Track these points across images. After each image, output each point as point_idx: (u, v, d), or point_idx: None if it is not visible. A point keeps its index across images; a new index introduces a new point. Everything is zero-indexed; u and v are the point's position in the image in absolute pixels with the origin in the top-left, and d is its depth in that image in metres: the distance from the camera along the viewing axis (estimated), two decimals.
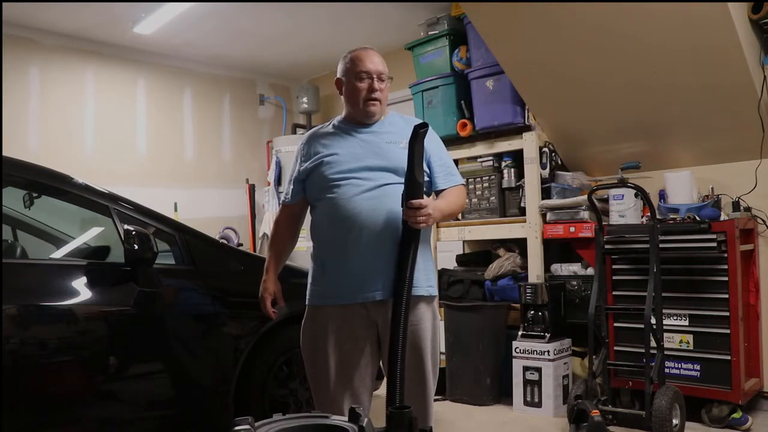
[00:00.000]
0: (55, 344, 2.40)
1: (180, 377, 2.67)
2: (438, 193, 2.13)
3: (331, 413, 1.40)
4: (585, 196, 3.64)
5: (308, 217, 2.21)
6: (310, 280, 2.12)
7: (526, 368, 3.72)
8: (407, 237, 1.88)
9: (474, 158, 4.39)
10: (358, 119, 2.10)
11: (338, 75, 2.11)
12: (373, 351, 2.07)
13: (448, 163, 2.17)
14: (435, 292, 2.13)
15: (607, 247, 3.43)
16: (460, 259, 4.61)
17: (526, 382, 3.71)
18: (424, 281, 2.07)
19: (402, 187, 1.92)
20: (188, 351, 2.71)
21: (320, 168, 2.05)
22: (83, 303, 2.44)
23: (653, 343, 3.10)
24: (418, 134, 1.82)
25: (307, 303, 2.11)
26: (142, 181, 5.55)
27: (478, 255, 4.56)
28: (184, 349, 2.70)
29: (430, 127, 2.18)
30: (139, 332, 2.57)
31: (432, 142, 2.13)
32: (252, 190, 6.23)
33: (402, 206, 1.86)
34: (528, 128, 4.11)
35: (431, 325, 2.09)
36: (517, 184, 4.18)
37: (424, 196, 1.88)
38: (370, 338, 2.04)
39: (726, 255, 3.25)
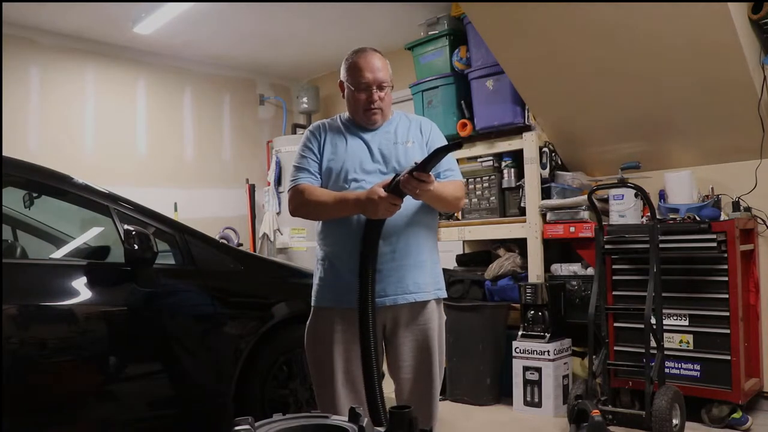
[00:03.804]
0: (55, 344, 2.40)
1: (180, 377, 2.67)
2: None
3: (334, 413, 1.40)
4: (585, 196, 3.64)
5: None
6: (316, 280, 2.10)
7: (526, 368, 3.72)
8: (371, 229, 1.82)
9: (474, 158, 4.39)
10: (362, 125, 2.10)
11: (340, 77, 2.09)
12: (378, 352, 2.07)
13: (448, 159, 2.12)
14: (443, 294, 2.13)
15: (607, 247, 3.43)
16: (460, 259, 4.61)
17: (526, 382, 3.71)
18: (432, 285, 2.07)
19: None
20: (188, 351, 2.70)
21: (332, 169, 2.03)
22: (83, 303, 2.44)
23: (653, 343, 3.10)
24: (457, 144, 1.80)
25: (313, 304, 2.11)
26: (142, 181, 5.56)
27: (478, 255, 4.56)
28: (184, 349, 2.70)
29: (434, 125, 2.18)
30: (139, 332, 2.57)
31: (437, 138, 2.14)
32: (252, 190, 6.23)
33: (408, 171, 1.77)
34: (528, 128, 4.11)
35: (438, 325, 2.09)
36: (517, 184, 4.18)
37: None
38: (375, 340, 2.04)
39: (726, 255, 3.25)
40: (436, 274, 2.11)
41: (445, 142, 2.16)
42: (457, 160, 4.18)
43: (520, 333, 3.81)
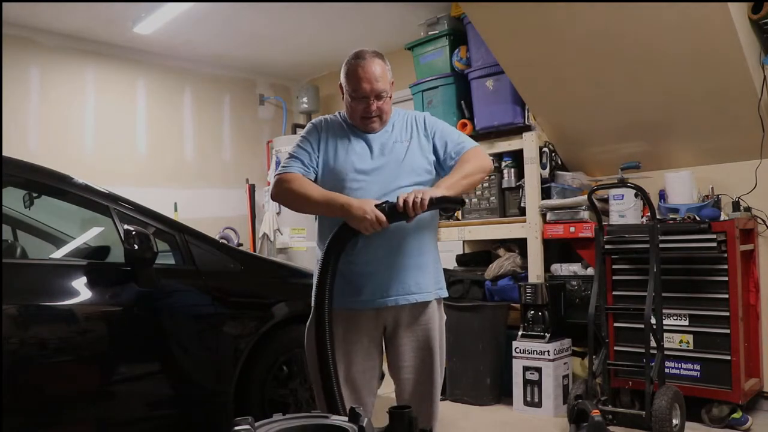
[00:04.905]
0: (55, 344, 2.40)
1: (180, 377, 2.67)
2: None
3: (334, 413, 1.40)
4: (585, 196, 3.64)
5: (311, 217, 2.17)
6: (316, 281, 2.10)
7: (526, 368, 3.72)
8: (344, 234, 1.85)
9: None
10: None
11: (340, 80, 2.06)
12: (378, 352, 2.07)
13: (453, 135, 2.10)
14: (444, 293, 2.13)
15: (607, 247, 3.43)
16: (460, 259, 4.61)
17: (526, 382, 3.71)
18: (433, 285, 2.06)
19: (413, 189, 1.93)
20: (188, 351, 2.70)
21: (333, 170, 2.01)
22: (83, 303, 2.44)
23: (653, 343, 3.10)
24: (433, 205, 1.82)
25: (313, 304, 2.10)
26: (142, 181, 5.56)
27: (478, 255, 4.56)
28: (184, 350, 2.70)
29: (427, 114, 2.18)
30: (139, 332, 2.57)
31: (434, 124, 2.11)
32: (252, 190, 6.23)
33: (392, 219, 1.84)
34: (528, 128, 4.11)
35: (439, 326, 2.09)
36: (517, 184, 4.18)
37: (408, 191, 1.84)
38: (376, 340, 2.04)
39: (726, 255, 3.25)
40: (437, 273, 2.10)
41: (442, 123, 2.14)
42: None
43: (520, 333, 3.81)
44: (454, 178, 1.95)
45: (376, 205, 1.83)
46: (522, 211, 4.12)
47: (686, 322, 3.38)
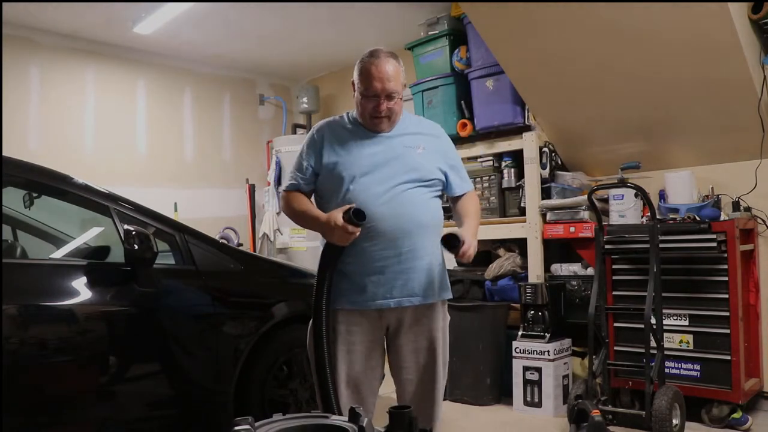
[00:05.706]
0: (55, 344, 2.40)
1: (180, 377, 2.67)
2: (454, 199, 2.18)
3: (336, 413, 1.40)
4: (585, 196, 3.64)
5: None
6: None
7: (526, 368, 3.72)
8: (330, 252, 1.93)
9: (474, 158, 4.38)
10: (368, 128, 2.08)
11: (353, 77, 2.06)
12: (380, 353, 2.07)
13: (460, 167, 2.21)
14: (449, 295, 2.15)
15: (607, 247, 3.43)
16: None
17: (526, 382, 3.71)
18: (438, 287, 2.07)
19: (418, 191, 1.98)
20: (188, 351, 2.70)
21: (336, 169, 2.01)
22: (83, 303, 2.43)
23: (653, 343, 3.10)
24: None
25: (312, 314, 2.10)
26: (142, 181, 5.56)
27: (478, 255, 4.53)
28: (183, 350, 2.69)
29: (442, 131, 2.20)
30: (138, 332, 2.57)
31: (446, 146, 2.17)
32: (252, 190, 6.23)
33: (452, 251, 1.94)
34: (528, 128, 4.11)
35: (443, 327, 2.09)
36: (517, 184, 4.18)
37: (459, 237, 1.93)
38: (379, 341, 2.04)
39: (726, 255, 3.25)
40: (441, 275, 2.10)
41: (453, 149, 2.23)
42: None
43: (520, 333, 3.82)
44: (474, 227, 2.10)
45: (344, 212, 1.86)
46: (522, 211, 4.12)
47: (686, 322, 3.38)
